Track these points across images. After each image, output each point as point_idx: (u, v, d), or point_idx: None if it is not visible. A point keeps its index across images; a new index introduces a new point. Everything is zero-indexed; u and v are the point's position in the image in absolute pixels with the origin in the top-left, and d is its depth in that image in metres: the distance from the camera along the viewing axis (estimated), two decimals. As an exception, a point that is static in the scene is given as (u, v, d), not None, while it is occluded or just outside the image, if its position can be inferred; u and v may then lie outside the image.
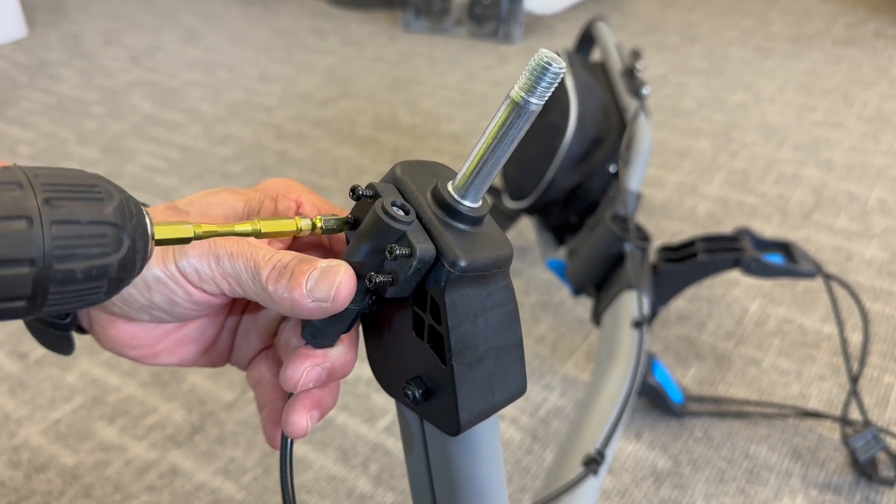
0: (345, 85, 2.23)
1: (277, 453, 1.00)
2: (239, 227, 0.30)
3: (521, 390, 0.33)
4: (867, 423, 0.97)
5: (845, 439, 0.96)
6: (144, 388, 1.11)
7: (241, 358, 0.38)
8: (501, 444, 1.05)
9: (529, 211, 1.29)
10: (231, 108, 2.08)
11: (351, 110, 2.06)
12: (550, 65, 0.27)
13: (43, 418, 1.06)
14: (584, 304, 1.27)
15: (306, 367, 0.33)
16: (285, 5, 3.04)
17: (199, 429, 1.04)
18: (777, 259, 1.00)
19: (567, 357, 1.16)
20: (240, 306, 0.38)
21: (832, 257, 1.38)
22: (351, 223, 0.32)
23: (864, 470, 0.94)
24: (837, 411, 1.04)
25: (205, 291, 0.32)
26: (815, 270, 0.98)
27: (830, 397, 1.07)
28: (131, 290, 0.31)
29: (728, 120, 1.96)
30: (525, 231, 1.46)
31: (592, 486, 0.67)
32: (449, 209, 0.30)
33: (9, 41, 2.58)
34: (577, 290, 1.09)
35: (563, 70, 0.27)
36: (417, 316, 0.31)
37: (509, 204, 1.31)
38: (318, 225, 0.31)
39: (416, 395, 0.32)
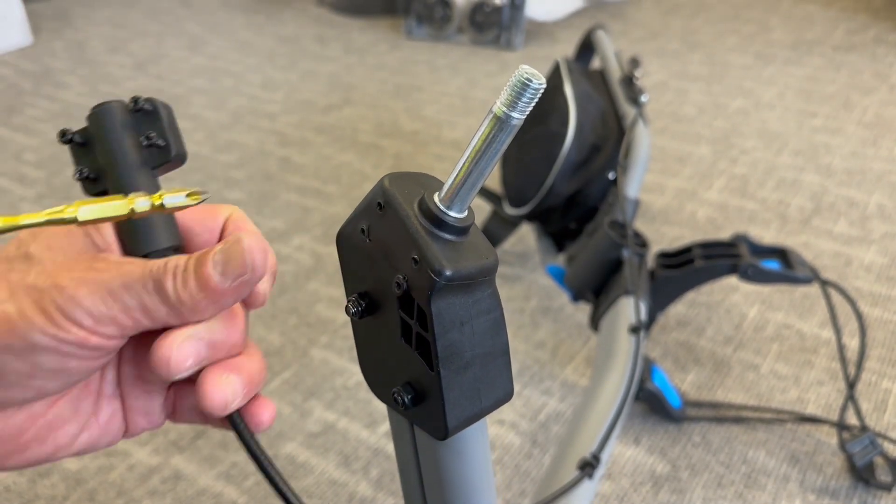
0: (347, 92, 2.25)
1: (278, 459, 1.00)
2: (46, 216, 0.25)
3: (507, 395, 0.34)
4: (864, 427, 0.97)
5: (843, 444, 0.97)
6: (147, 393, 1.12)
7: (153, 412, 0.33)
8: (500, 448, 1.06)
9: (529, 217, 1.30)
10: (235, 115, 2.10)
11: (353, 117, 2.07)
12: (531, 81, 0.28)
13: (47, 423, 1.07)
14: (584, 310, 1.27)
15: (178, 340, 0.28)
16: (288, 13, 3.06)
17: (202, 434, 1.05)
18: (774, 265, 1.01)
19: (567, 362, 1.17)
20: (113, 361, 0.32)
21: (831, 262, 1.39)
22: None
23: (862, 475, 0.94)
24: (835, 416, 1.04)
25: (100, 335, 0.27)
26: (812, 276, 0.99)
27: (828, 402, 1.08)
28: (6, 357, 0.25)
29: (728, 126, 1.97)
30: (525, 237, 1.47)
31: (587, 489, 0.68)
32: (435, 220, 0.31)
33: (14, 49, 2.61)
34: (576, 296, 1.10)
35: (543, 86, 0.28)
36: (405, 323, 0.32)
37: (510, 210, 1.32)
38: (161, 203, 0.27)
39: (406, 400, 0.33)
